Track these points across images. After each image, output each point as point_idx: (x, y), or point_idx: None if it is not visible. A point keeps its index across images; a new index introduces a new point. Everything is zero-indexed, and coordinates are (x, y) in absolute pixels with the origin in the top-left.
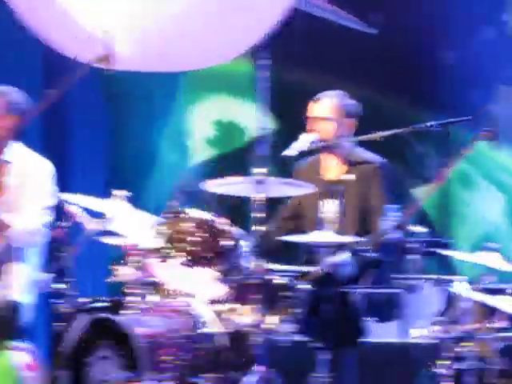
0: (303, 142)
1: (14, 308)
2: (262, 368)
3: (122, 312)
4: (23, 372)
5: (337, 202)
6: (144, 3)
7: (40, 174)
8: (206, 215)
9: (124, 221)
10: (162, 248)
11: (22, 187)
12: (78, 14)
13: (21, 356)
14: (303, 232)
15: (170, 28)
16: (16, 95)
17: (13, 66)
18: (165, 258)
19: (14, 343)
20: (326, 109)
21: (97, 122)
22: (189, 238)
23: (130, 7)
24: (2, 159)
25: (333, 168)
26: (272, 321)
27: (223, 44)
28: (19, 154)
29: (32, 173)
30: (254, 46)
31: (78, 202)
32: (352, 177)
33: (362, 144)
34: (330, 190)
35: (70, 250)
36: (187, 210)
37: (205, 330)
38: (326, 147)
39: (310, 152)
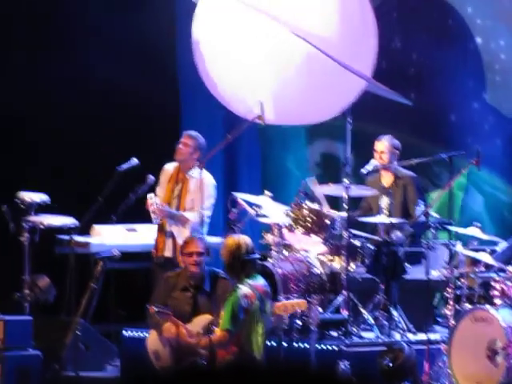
0: (371, 165)
1: None
2: (346, 292)
3: (268, 260)
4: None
5: (389, 199)
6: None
7: (207, 186)
8: (316, 206)
9: (269, 209)
10: (290, 224)
11: (197, 193)
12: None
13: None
14: (372, 216)
15: (296, 96)
16: (201, 139)
17: (204, 116)
18: (292, 229)
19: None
20: (383, 145)
21: (255, 151)
22: (306, 218)
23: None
24: (189, 175)
25: (387, 179)
26: (352, 266)
27: (330, 108)
28: (199, 171)
29: (205, 184)
30: (344, 109)
31: (244, 198)
32: (395, 186)
33: (403, 166)
34: (386, 191)
35: (239, 225)
36: (305, 202)
37: (315, 271)
38: (384, 167)
39: (375, 170)
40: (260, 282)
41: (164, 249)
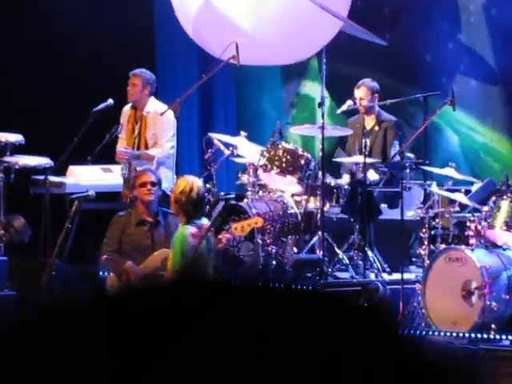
0: (346, 105)
1: None
2: (320, 232)
3: (243, 200)
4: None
5: (369, 140)
6: (254, 24)
7: (164, 117)
8: (291, 145)
9: (245, 149)
10: (265, 164)
11: (157, 127)
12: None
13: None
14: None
15: (273, 36)
16: (147, 74)
17: (179, 57)
18: (267, 170)
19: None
20: (362, 92)
21: (230, 92)
22: (281, 159)
23: (248, 25)
24: (145, 112)
25: (369, 121)
26: (327, 206)
27: (305, 48)
28: (153, 105)
29: (161, 117)
30: (319, 49)
31: (219, 138)
32: (377, 127)
33: (380, 107)
34: (367, 134)
35: (215, 165)
36: (280, 143)
37: (290, 211)
38: (365, 110)
39: (351, 111)
40: (205, 222)
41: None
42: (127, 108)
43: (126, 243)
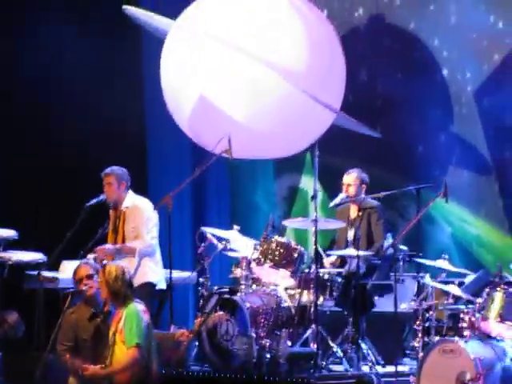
0: (339, 198)
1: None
2: (314, 326)
3: (237, 294)
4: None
5: (354, 231)
6: (248, 117)
7: (142, 210)
8: (284, 239)
9: (238, 243)
10: (259, 258)
11: (136, 221)
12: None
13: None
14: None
15: (267, 129)
16: (118, 170)
17: (171, 150)
18: (260, 263)
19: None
20: (350, 178)
21: (224, 186)
22: (274, 252)
23: (241, 118)
24: (124, 207)
25: (354, 211)
26: (321, 299)
27: (298, 141)
28: (132, 199)
29: (139, 210)
30: (312, 143)
31: (212, 232)
32: (360, 213)
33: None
34: (352, 223)
35: (208, 259)
36: (274, 237)
37: (283, 304)
38: (352, 200)
39: (343, 203)
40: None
41: None
42: (110, 210)
43: (84, 339)
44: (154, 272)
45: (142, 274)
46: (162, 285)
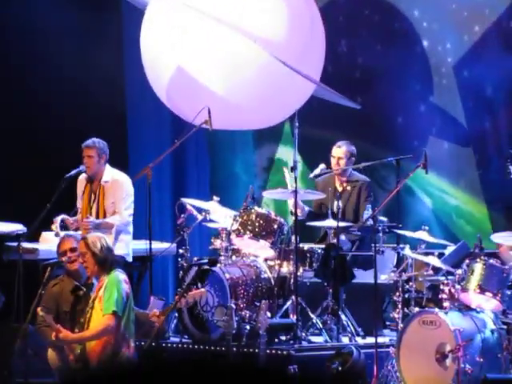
0: (319, 169)
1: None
2: (294, 297)
3: (216, 265)
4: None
5: (342, 202)
6: (227, 88)
7: (122, 185)
8: (263, 210)
9: (218, 214)
10: (238, 229)
11: (115, 195)
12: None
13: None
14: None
15: (246, 100)
16: (99, 143)
17: (151, 121)
18: (240, 234)
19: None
20: (341, 151)
21: (203, 157)
22: (254, 223)
23: (221, 90)
24: (103, 182)
25: (341, 184)
26: (300, 270)
27: (278, 112)
28: (110, 173)
29: (120, 185)
30: (291, 114)
31: (192, 203)
32: (349, 187)
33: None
34: (339, 195)
35: (187, 230)
36: (253, 208)
37: (263, 275)
38: (338, 173)
39: (324, 174)
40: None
41: None
42: (82, 178)
43: (65, 312)
44: (127, 246)
45: (116, 248)
46: (129, 258)
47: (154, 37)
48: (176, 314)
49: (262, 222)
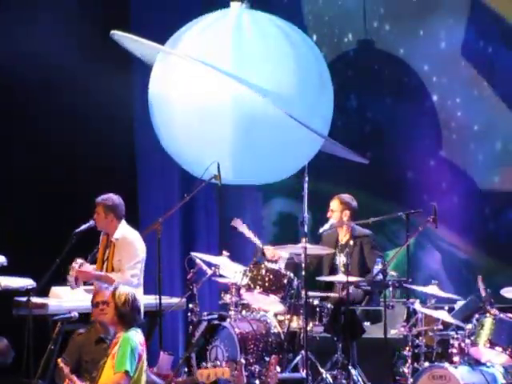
0: (328, 224)
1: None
2: (304, 352)
3: (226, 320)
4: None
5: (344, 256)
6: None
7: (127, 244)
8: (274, 266)
9: (228, 269)
10: (248, 284)
11: (121, 255)
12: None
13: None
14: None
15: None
16: (107, 199)
17: (161, 175)
18: (250, 289)
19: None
20: (334, 204)
21: (213, 212)
22: (263, 278)
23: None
24: (114, 238)
25: (343, 237)
26: (310, 325)
27: (287, 167)
28: (122, 231)
29: (127, 243)
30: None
31: (202, 258)
32: (351, 242)
33: (360, 225)
34: (342, 249)
35: (197, 285)
36: (263, 262)
37: (273, 330)
38: (340, 225)
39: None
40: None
41: None
42: (102, 236)
43: (86, 361)
44: None
45: None
46: None
47: (163, 92)
48: (185, 369)
49: (271, 276)
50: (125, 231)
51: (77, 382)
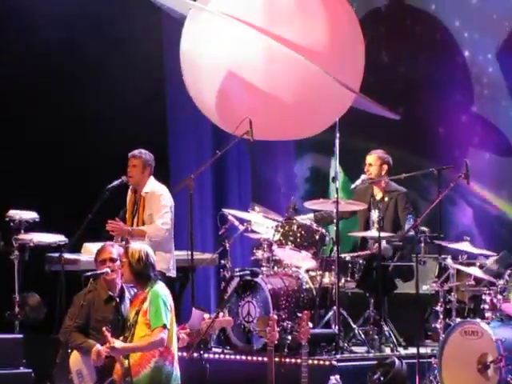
0: (360, 180)
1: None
2: (336, 307)
3: (258, 276)
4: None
5: (378, 212)
6: (269, 103)
7: (157, 197)
8: (306, 220)
9: (260, 224)
10: (280, 239)
11: (152, 208)
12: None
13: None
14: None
15: (286, 111)
16: (146, 155)
17: (192, 132)
18: (282, 245)
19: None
20: (372, 159)
21: (245, 167)
22: (295, 234)
23: (262, 100)
24: (143, 193)
25: (378, 193)
26: (342, 281)
27: (319, 122)
28: (151, 185)
29: (157, 197)
30: (332, 123)
31: (234, 214)
32: (386, 198)
33: (393, 180)
34: (376, 205)
35: (229, 241)
36: (295, 218)
37: (305, 286)
38: (374, 181)
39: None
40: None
41: None
42: (129, 192)
43: (96, 319)
44: (164, 261)
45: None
46: (170, 273)
47: (195, 49)
48: None
49: (303, 232)
50: (153, 185)
51: (115, 340)
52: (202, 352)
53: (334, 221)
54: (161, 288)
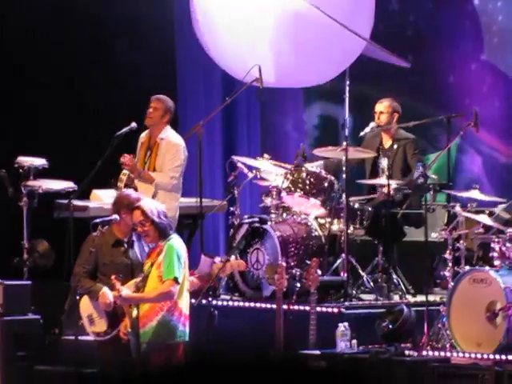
0: (369, 127)
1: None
2: (344, 255)
3: (267, 223)
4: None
5: (388, 160)
6: (279, 49)
7: (172, 147)
8: (314, 168)
9: (268, 172)
10: (289, 187)
11: (165, 156)
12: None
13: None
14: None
15: (295, 58)
16: (170, 102)
17: (202, 79)
18: (291, 192)
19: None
20: (382, 106)
21: (254, 115)
22: (304, 181)
23: (272, 47)
24: (159, 138)
25: (387, 140)
26: (351, 228)
27: (328, 70)
28: (168, 133)
29: (171, 147)
30: (342, 71)
31: (243, 161)
32: (395, 145)
33: (402, 128)
34: (385, 153)
35: (238, 188)
36: (304, 165)
37: (314, 233)
38: (383, 129)
39: (373, 132)
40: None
41: None
42: (143, 134)
43: (104, 263)
44: (171, 207)
45: None
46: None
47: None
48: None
49: (312, 179)
50: (170, 133)
51: (123, 288)
52: (210, 299)
53: (344, 168)
54: (177, 242)
